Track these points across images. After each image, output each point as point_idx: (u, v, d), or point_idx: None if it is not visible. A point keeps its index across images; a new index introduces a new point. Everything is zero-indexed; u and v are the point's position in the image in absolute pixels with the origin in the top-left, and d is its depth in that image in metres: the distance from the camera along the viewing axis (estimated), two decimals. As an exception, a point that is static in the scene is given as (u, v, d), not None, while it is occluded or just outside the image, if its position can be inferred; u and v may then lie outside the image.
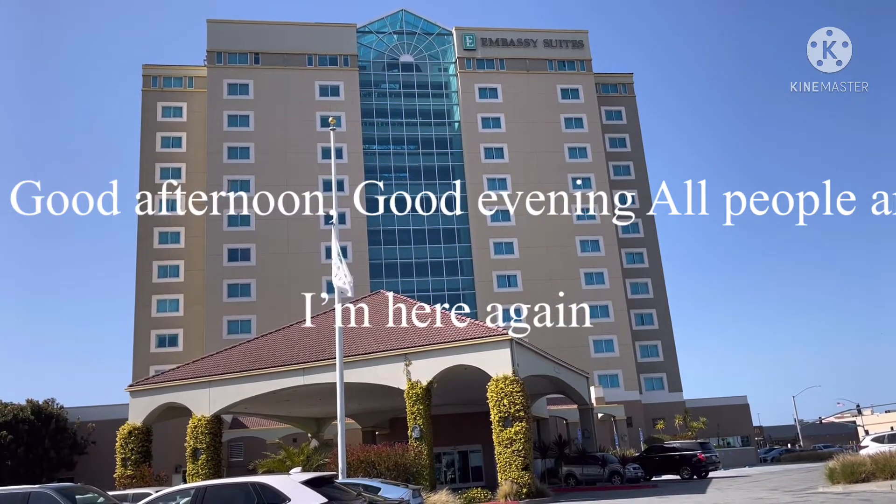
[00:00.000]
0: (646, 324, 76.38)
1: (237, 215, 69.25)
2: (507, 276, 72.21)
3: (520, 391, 27.24)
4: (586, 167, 76.64)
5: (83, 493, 17.41)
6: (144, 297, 67.92)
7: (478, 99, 77.12)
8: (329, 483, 10.65)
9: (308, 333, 34.51)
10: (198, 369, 33.89)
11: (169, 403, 33.46)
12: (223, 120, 71.87)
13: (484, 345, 28.58)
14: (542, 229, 73.56)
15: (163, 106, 74.14)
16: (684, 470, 39.67)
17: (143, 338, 66.62)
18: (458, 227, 73.94)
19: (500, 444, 27.21)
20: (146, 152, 72.24)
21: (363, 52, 78.28)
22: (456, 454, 40.62)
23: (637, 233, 79.25)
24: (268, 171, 70.89)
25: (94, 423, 51.00)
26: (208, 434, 31.72)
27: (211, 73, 73.23)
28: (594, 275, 73.24)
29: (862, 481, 22.62)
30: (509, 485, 26.39)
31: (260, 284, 67.64)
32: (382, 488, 15.19)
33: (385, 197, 73.23)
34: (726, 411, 75.72)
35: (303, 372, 30.88)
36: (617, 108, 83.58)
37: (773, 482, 30.84)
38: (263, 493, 9.85)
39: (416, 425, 28.51)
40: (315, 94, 74.14)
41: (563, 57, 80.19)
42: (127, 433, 33.03)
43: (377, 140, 75.88)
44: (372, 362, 30.07)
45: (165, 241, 69.87)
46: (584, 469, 36.78)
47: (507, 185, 74.69)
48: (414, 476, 27.12)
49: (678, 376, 75.40)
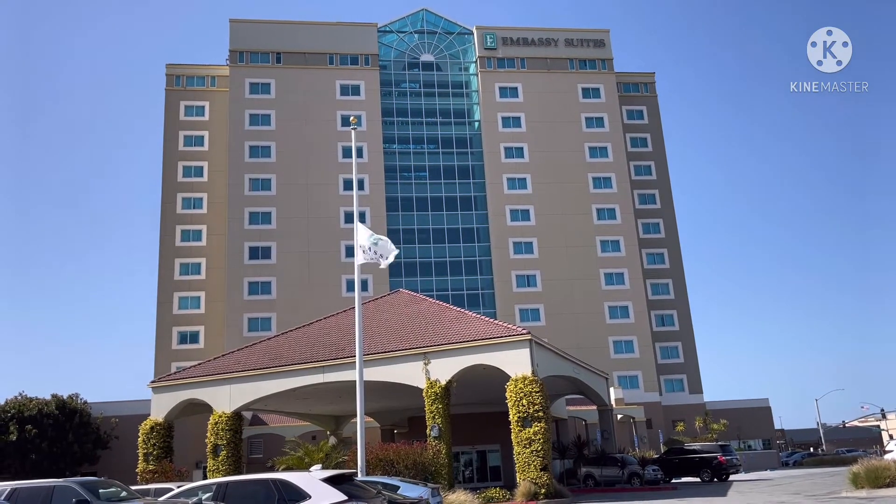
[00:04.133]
0: (666, 325, 75.82)
1: (258, 213, 69.76)
2: (527, 275, 72.02)
3: (539, 391, 27.14)
4: (607, 167, 76.22)
5: (106, 486, 17.55)
6: (166, 294, 68.67)
7: (498, 98, 76.98)
8: (349, 481, 10.68)
9: (328, 331, 34.63)
10: (219, 366, 34.14)
11: (190, 400, 33.74)
12: (245, 119, 72.42)
13: (503, 344, 28.50)
14: (562, 229, 73.27)
15: (185, 105, 74.90)
16: (704, 472, 39.28)
17: (165, 334, 67.36)
18: (477, 227, 73.87)
19: (519, 444, 27.13)
20: (169, 151, 73.08)
21: (384, 51, 78.46)
22: (474, 453, 40.52)
23: (658, 233, 78.68)
24: (289, 170, 71.33)
25: (116, 418, 51.54)
26: (229, 430, 31.91)
27: (233, 73, 73.81)
28: (614, 275, 72.82)
29: (886, 486, 22.26)
30: (527, 485, 26.29)
31: (280, 282, 68.07)
32: (402, 486, 15.22)
33: (405, 196, 73.50)
34: (747, 414, 75.00)
35: (322, 370, 30.99)
36: (638, 107, 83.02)
37: (795, 486, 30.48)
38: (284, 489, 9.90)
39: (434, 424, 28.50)
40: (336, 94, 74.47)
41: (584, 56, 79.78)
42: (149, 428, 33.35)
43: (397, 139, 76.03)
44: (391, 361, 30.10)
45: (187, 238, 70.62)
46: (603, 470, 36.57)
47: (528, 185, 74.48)
48: (432, 475, 27.11)
49: (699, 378, 74.75)
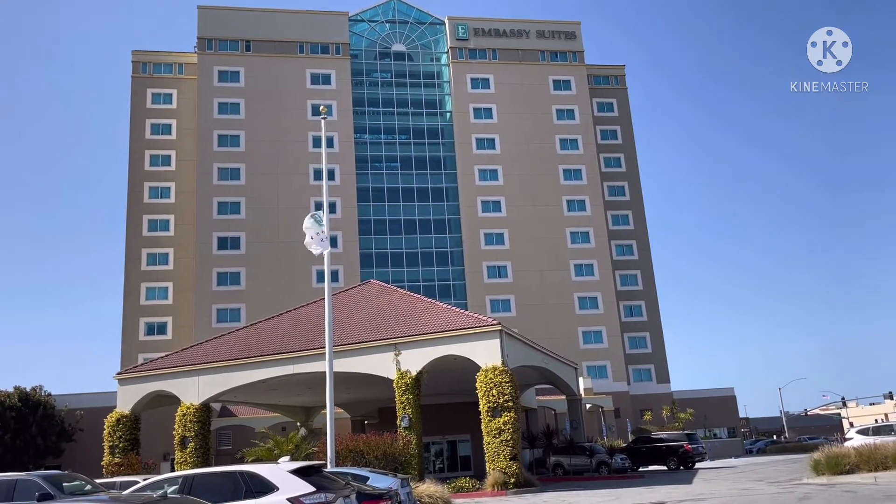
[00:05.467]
0: (635, 315, 76.72)
1: (227, 203, 68.93)
2: (498, 266, 72.28)
3: (509, 381, 27.33)
4: (577, 159, 76.66)
5: (70, 480, 17.44)
6: (133, 284, 67.59)
7: (470, 89, 76.91)
8: (318, 472, 10.64)
9: (298, 322, 34.46)
10: (187, 357, 33.82)
11: (157, 391, 33.40)
12: (213, 107, 71.37)
13: (473, 335, 28.64)
14: (533, 220, 73.63)
15: (152, 92, 73.54)
16: (671, 461, 39.94)
17: (132, 326, 66.36)
18: (448, 218, 73.88)
19: (489, 434, 27.32)
20: (135, 139, 71.74)
21: (355, 40, 77.84)
22: (445, 444, 40.73)
23: (627, 225, 79.43)
24: (258, 160, 70.54)
25: (81, 410, 50.82)
26: (197, 422, 31.70)
27: (201, 60, 72.66)
28: (584, 266, 73.44)
29: (846, 473, 22.76)
30: (497, 474, 26.51)
31: (250, 273, 67.43)
32: (371, 477, 15.20)
33: (376, 186, 73.23)
34: (713, 403, 76.35)
35: (292, 361, 30.86)
36: (608, 100, 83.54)
37: (759, 473, 31.11)
38: (252, 481, 9.84)
39: (405, 415, 28.58)
40: (306, 83, 73.74)
41: (556, 48, 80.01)
42: (115, 421, 32.97)
43: (369, 129, 75.60)
44: (361, 352, 30.08)
45: (155, 228, 69.51)
46: (572, 459, 36.98)
47: (499, 176, 74.64)
48: (402, 465, 27.17)
49: (666, 368, 75.83)
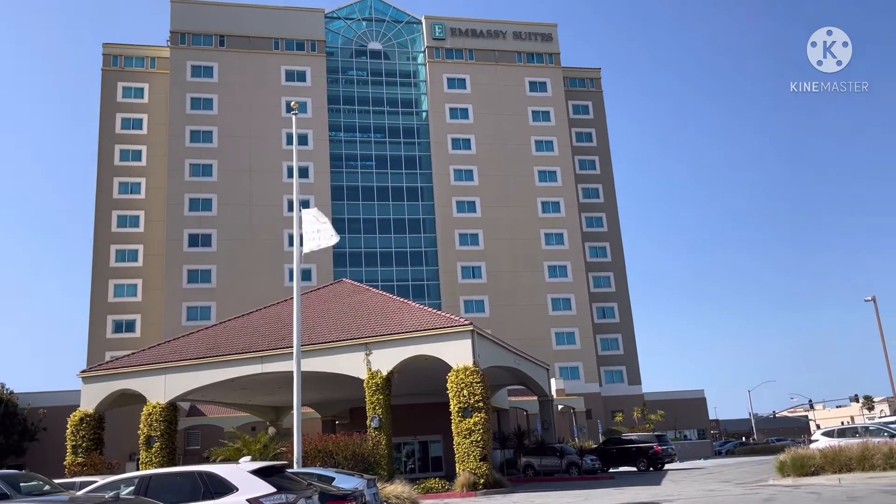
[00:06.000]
0: (607, 317, 77.18)
1: (199, 200, 68.00)
2: (472, 267, 72.24)
3: (480, 382, 27.25)
4: (552, 160, 76.91)
5: (28, 480, 17.06)
6: (101, 281, 66.36)
7: (446, 89, 76.79)
8: (279, 472, 10.41)
9: (267, 321, 34.05)
10: (153, 356, 33.25)
11: (123, 390, 32.80)
12: (186, 102, 70.37)
13: (445, 335, 28.52)
14: (508, 221, 73.71)
15: (123, 86, 72.31)
16: (641, 462, 40.13)
17: (99, 323, 65.17)
18: (423, 218, 73.68)
19: (459, 434, 27.22)
20: (105, 133, 70.49)
21: (331, 37, 77.32)
22: (416, 444, 40.56)
23: (601, 227, 79.88)
24: (231, 156, 69.71)
25: (45, 409, 49.79)
26: (163, 422, 31.19)
27: (174, 55, 71.64)
28: (558, 268, 73.68)
29: (811, 474, 23.03)
30: (467, 475, 26.40)
31: (221, 271, 66.58)
32: (336, 478, 15.00)
33: (350, 185, 72.81)
34: (684, 404, 77.10)
35: (261, 360, 30.47)
36: (584, 102, 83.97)
37: (726, 475, 31.38)
38: (210, 482, 9.59)
39: (375, 415, 28.38)
40: (281, 79, 73.04)
41: (532, 49, 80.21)
42: (78, 420, 32.34)
43: (344, 128, 75.12)
44: (332, 351, 29.80)
45: (124, 224, 68.32)
46: (543, 460, 36.99)
47: (474, 177, 74.61)
48: (372, 466, 26.96)
49: (637, 369, 76.38)
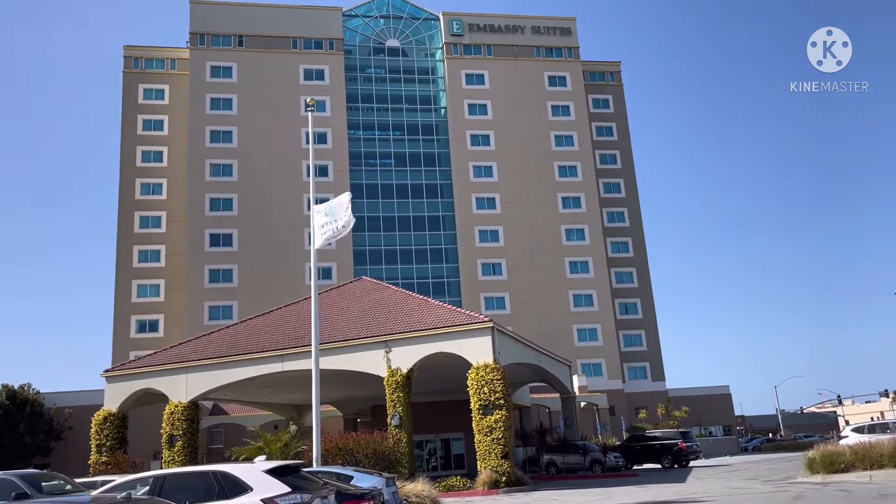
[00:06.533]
0: (630, 313, 76.43)
1: (219, 199, 68.40)
2: (492, 264, 71.90)
3: (500, 379, 26.96)
4: (573, 155, 76.30)
5: (49, 479, 17.14)
6: (125, 281, 67.04)
7: (464, 85, 76.45)
8: (294, 472, 10.26)
9: (288, 319, 34.04)
10: (175, 355, 33.37)
11: (145, 389, 32.95)
12: (206, 103, 70.81)
13: (465, 332, 28.26)
14: (528, 217, 73.24)
15: (144, 88, 72.96)
16: (665, 459, 39.60)
17: (123, 323, 65.84)
18: (443, 215, 73.46)
19: (480, 432, 26.97)
20: (127, 135, 71.18)
21: (349, 35, 77.34)
22: (438, 442, 40.40)
23: (622, 222, 79.11)
24: (251, 156, 70.03)
25: (70, 408, 50.37)
26: (185, 420, 31.25)
27: (193, 56, 72.10)
28: (579, 263, 73.09)
29: (841, 471, 22.48)
30: (488, 473, 26.15)
31: (242, 270, 66.93)
32: (356, 477, 14.86)
33: (369, 183, 72.79)
34: (708, 401, 76.16)
35: (281, 358, 30.45)
36: (604, 96, 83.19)
37: (753, 472, 30.82)
38: (225, 482, 9.47)
39: (395, 413, 28.22)
40: (300, 78, 73.20)
41: (551, 44, 79.60)
42: (102, 419, 32.52)
43: (362, 126, 75.10)
44: (351, 349, 29.68)
45: (146, 225, 68.96)
46: (565, 457, 36.62)
47: (493, 173, 74.23)
48: (393, 464, 26.81)
49: (661, 365, 75.58)
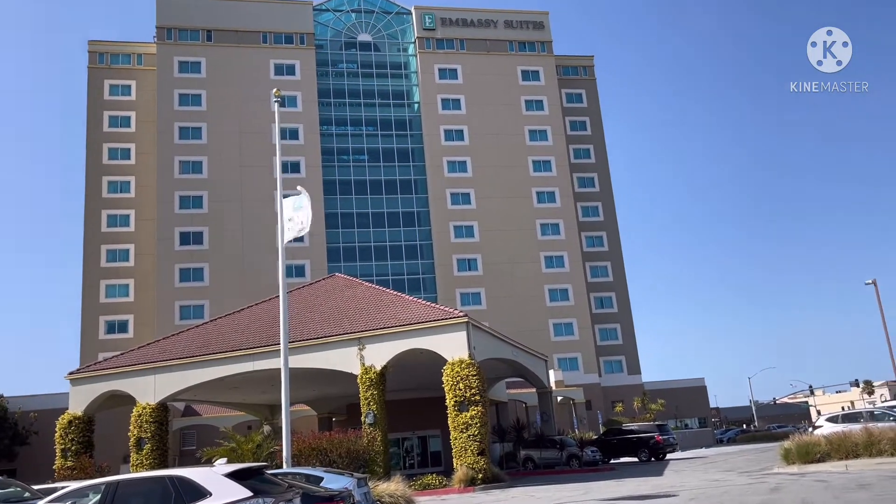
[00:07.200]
0: (605, 307, 76.59)
1: (189, 197, 67.18)
2: (468, 259, 71.56)
3: (476, 375, 26.59)
4: (546, 150, 76.16)
5: (5, 486, 16.80)
6: (92, 281, 65.58)
7: (437, 80, 75.93)
8: (258, 475, 9.75)
9: (259, 318, 33.32)
10: (142, 355, 32.53)
11: (112, 391, 32.06)
12: (174, 99, 69.46)
13: (439, 328, 27.84)
14: (503, 212, 72.99)
15: (110, 84, 71.37)
16: (642, 452, 39.57)
17: (92, 324, 64.40)
18: (417, 210, 72.94)
19: (456, 428, 26.58)
20: (93, 131, 69.59)
21: (320, 30, 76.36)
22: (416, 439, 40.04)
23: (597, 216, 79.23)
24: (221, 152, 68.85)
25: (36, 412, 49.05)
26: (153, 423, 30.46)
27: (161, 50, 70.66)
28: (554, 258, 73.03)
29: (817, 461, 22.42)
30: (464, 470, 25.77)
31: (213, 269, 65.81)
32: (325, 478, 14.36)
33: (343, 179, 72.01)
34: (684, 393, 76.66)
35: (251, 357, 29.76)
36: (577, 90, 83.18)
37: (729, 463, 30.81)
38: (182, 487, 8.93)
39: (369, 411, 27.73)
40: (270, 73, 72.09)
41: (524, 38, 79.35)
42: (67, 423, 31.61)
43: (335, 121, 74.24)
44: (324, 347, 29.09)
45: (114, 223, 67.51)
46: (542, 453, 36.35)
47: (468, 168, 73.84)
48: (367, 463, 26.32)
49: (637, 359, 75.86)
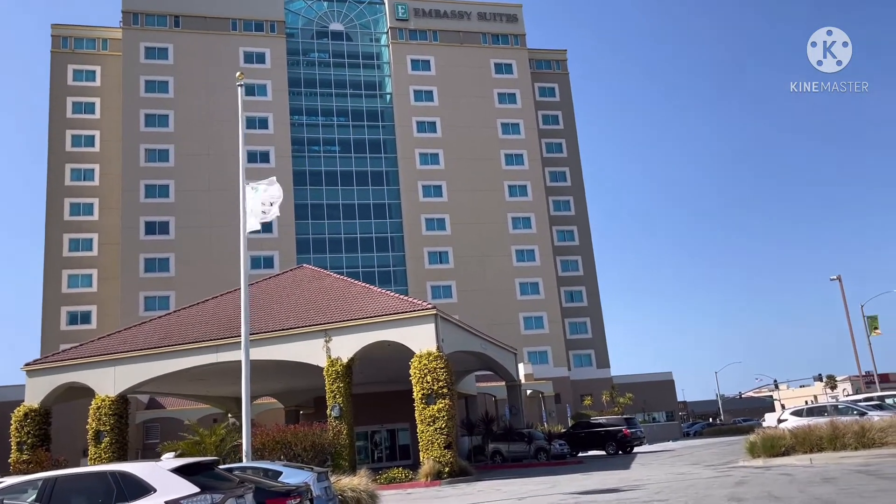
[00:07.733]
0: (575, 301, 76.81)
1: (155, 186, 65.84)
2: (439, 252, 71.20)
3: (443, 367, 26.31)
4: (519, 144, 76.03)
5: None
6: (54, 271, 64.04)
7: (410, 71, 75.30)
8: (207, 469, 9.29)
9: (223, 309, 32.61)
10: (102, 347, 31.66)
11: (70, 383, 31.20)
12: (140, 85, 67.94)
13: (408, 320, 27.49)
14: (474, 205, 72.72)
15: (74, 69, 69.61)
16: (610, 445, 39.63)
17: (53, 315, 62.90)
18: (389, 203, 72.34)
19: (423, 421, 26.28)
20: (55, 118, 67.86)
21: (291, 18, 75.25)
22: (384, 433, 39.69)
23: (568, 211, 79.35)
24: (188, 141, 67.54)
25: (-7, 405, 47.70)
26: (113, 415, 29.73)
27: (126, 36, 69.04)
28: (525, 252, 72.99)
29: (782, 455, 22.50)
30: (431, 464, 25.49)
31: (179, 259, 64.61)
32: (284, 472, 13.92)
33: (313, 170, 71.13)
34: (652, 387, 77.24)
35: (216, 349, 29.13)
36: (550, 84, 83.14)
37: (696, 457, 30.93)
38: (124, 483, 8.45)
39: (335, 404, 27.33)
40: (239, 61, 70.82)
41: (497, 31, 79.04)
42: (22, 415, 30.75)
43: (305, 111, 73.26)
44: (289, 339, 28.59)
45: (77, 212, 65.96)
46: (511, 446, 36.24)
47: (440, 160, 73.41)
48: (333, 457, 25.90)
49: (606, 353, 76.26)
